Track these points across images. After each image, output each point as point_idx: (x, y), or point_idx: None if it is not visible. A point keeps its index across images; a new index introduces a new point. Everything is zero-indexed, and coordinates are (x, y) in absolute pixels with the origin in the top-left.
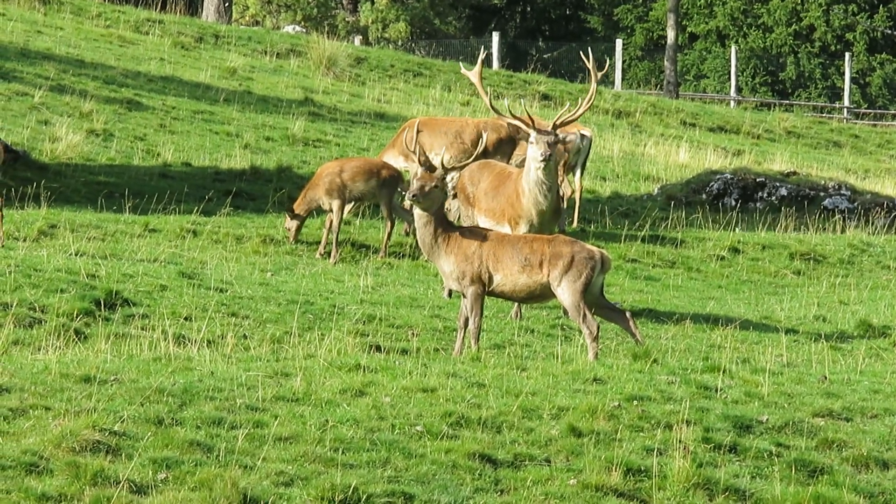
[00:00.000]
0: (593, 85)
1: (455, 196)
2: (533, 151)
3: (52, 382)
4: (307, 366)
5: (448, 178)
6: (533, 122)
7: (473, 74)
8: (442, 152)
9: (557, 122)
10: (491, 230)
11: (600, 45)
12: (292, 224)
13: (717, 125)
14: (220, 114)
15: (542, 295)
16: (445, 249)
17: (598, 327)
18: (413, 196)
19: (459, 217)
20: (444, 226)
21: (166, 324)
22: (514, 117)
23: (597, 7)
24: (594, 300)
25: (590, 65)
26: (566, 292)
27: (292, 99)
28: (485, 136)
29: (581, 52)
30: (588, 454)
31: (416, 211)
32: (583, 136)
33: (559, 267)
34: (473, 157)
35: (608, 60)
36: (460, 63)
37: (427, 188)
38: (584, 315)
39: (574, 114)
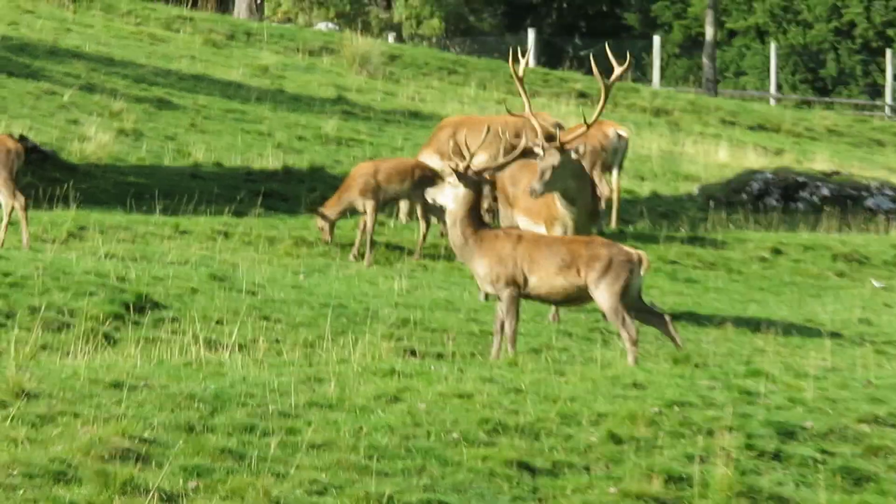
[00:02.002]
0: (601, 102)
1: (495, 198)
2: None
3: (81, 388)
4: (341, 371)
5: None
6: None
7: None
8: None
9: (565, 140)
10: (526, 231)
11: (637, 41)
12: (326, 224)
13: (758, 123)
14: (251, 113)
15: (579, 297)
16: (478, 251)
17: (637, 331)
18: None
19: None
20: (477, 226)
21: (197, 328)
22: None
23: (634, 3)
24: (633, 303)
25: (595, 71)
26: (604, 295)
27: (325, 97)
28: (524, 136)
29: (592, 57)
30: (628, 461)
31: (447, 210)
32: (619, 135)
33: (597, 269)
34: (512, 157)
35: (646, 57)
36: (510, 61)
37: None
38: (623, 318)
39: (580, 132)
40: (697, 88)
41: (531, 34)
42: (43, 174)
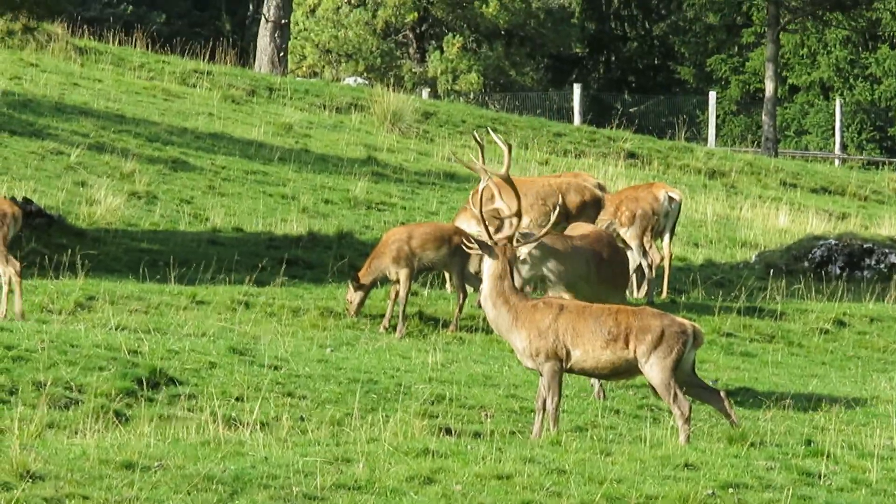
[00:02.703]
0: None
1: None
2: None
3: (91, 469)
4: (370, 450)
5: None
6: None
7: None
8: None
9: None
10: (569, 300)
11: (692, 97)
12: (356, 296)
13: (821, 186)
14: (274, 174)
15: (627, 371)
16: (515, 324)
17: (690, 408)
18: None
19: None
20: (510, 296)
21: (215, 405)
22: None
23: (688, 57)
24: (685, 378)
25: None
26: (655, 370)
27: (354, 158)
28: (560, 199)
29: (488, 130)
30: None
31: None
32: (671, 198)
33: (647, 342)
34: (550, 224)
35: (700, 115)
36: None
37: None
38: (675, 394)
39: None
40: (756, 148)
41: (577, 90)
42: (48, 240)
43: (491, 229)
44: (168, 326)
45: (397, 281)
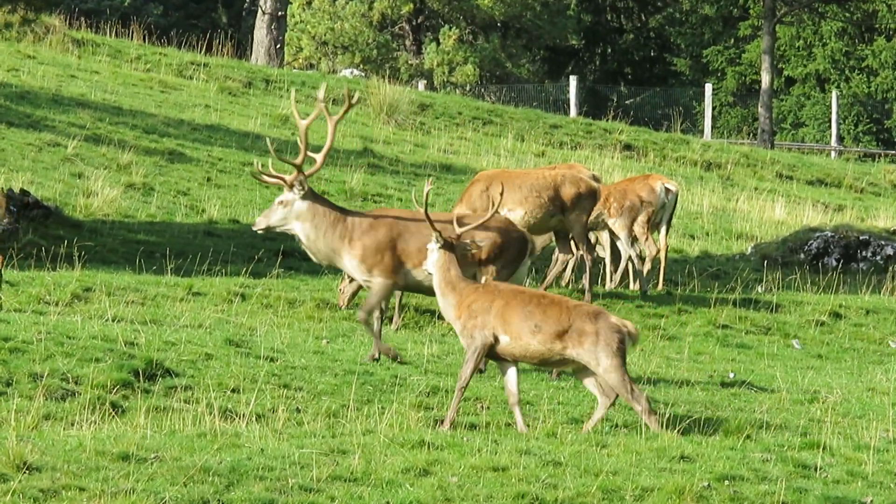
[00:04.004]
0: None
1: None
2: None
3: (87, 461)
4: (366, 442)
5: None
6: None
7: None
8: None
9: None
10: (507, 286)
11: (688, 89)
12: (350, 287)
13: (817, 178)
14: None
15: (560, 363)
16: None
17: (647, 398)
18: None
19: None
20: (461, 283)
21: (212, 396)
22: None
23: (684, 48)
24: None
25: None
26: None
27: (350, 149)
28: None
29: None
30: None
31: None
32: (667, 189)
33: (586, 342)
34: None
35: (696, 106)
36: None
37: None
38: (632, 390)
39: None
40: (752, 140)
41: (573, 82)
42: (45, 231)
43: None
44: (164, 318)
45: None
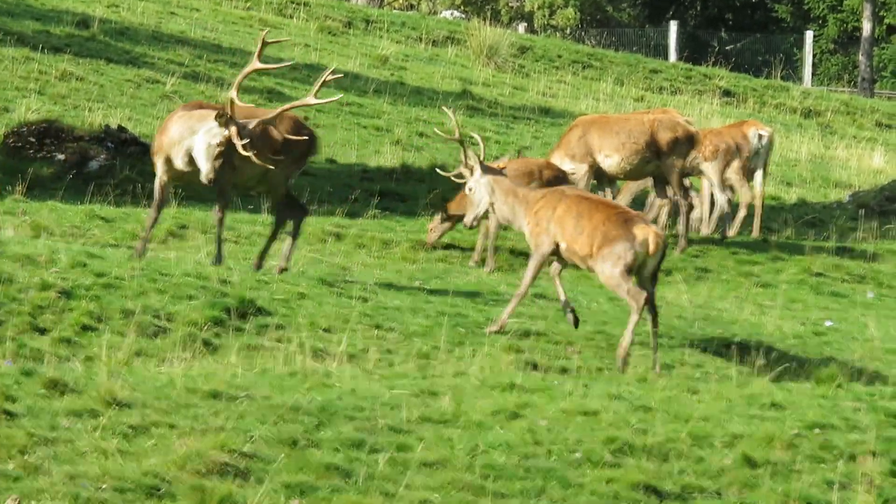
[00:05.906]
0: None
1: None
2: None
3: (177, 398)
4: (456, 384)
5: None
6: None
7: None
8: None
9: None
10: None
11: (788, 36)
12: (440, 227)
13: None
14: (369, 106)
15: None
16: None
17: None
18: None
19: None
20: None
21: (303, 336)
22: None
23: None
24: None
25: None
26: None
27: (449, 91)
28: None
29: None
30: (763, 487)
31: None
32: (760, 135)
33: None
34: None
35: (797, 53)
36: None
37: None
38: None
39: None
40: (852, 88)
41: (673, 27)
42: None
43: None
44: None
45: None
